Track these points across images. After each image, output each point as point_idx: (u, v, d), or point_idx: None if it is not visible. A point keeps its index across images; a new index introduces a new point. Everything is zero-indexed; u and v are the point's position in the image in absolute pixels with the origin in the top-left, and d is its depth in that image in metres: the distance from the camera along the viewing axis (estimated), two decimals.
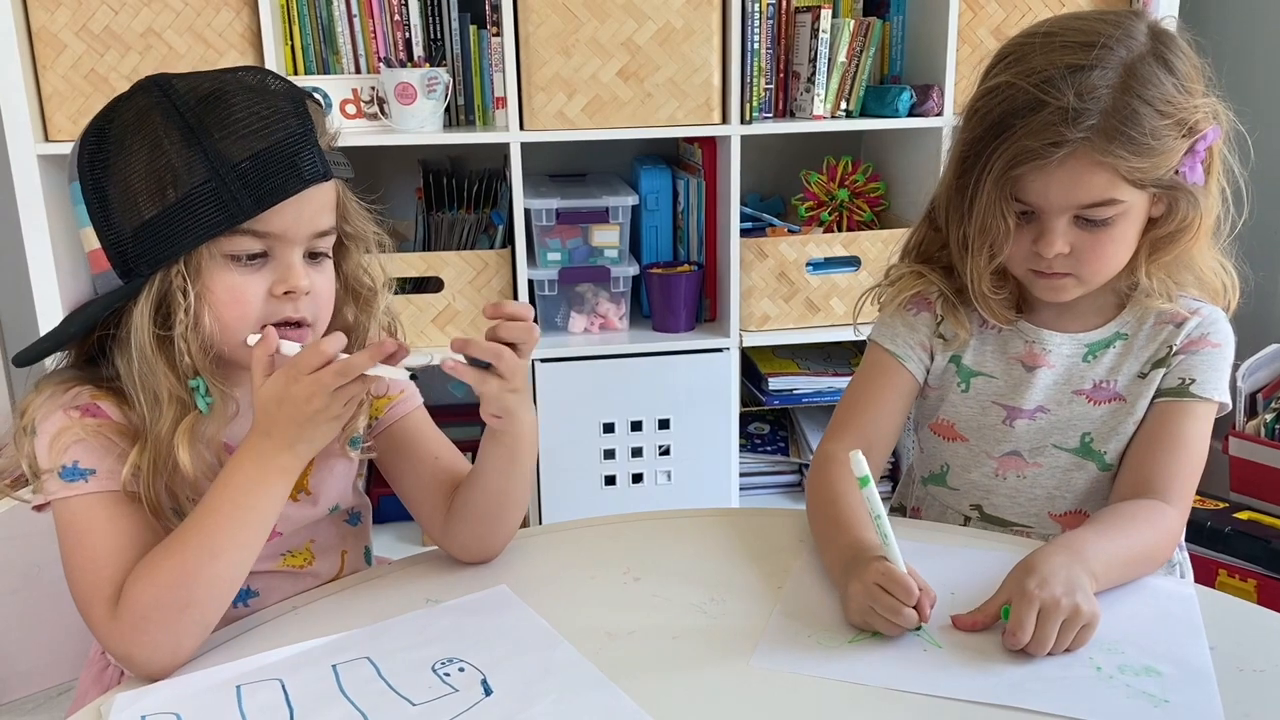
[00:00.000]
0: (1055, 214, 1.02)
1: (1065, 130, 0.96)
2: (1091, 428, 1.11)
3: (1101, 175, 0.98)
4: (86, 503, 0.88)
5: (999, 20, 2.05)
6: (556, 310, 2.08)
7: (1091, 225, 1.02)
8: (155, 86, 0.89)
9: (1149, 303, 1.10)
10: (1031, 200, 1.02)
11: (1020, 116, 0.99)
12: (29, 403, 0.93)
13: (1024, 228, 1.04)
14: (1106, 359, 1.11)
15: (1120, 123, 0.97)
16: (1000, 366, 1.14)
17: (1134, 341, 1.11)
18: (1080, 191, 1.00)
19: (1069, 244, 1.02)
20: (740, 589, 0.98)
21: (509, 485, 1.00)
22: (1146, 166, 0.99)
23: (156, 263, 0.88)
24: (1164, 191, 1.02)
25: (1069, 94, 0.96)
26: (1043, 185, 1.00)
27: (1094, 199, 1.00)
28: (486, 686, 0.83)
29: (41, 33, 1.82)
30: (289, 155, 0.88)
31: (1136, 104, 0.97)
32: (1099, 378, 1.11)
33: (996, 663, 0.85)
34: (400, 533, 1.95)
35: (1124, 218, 1.02)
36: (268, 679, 0.85)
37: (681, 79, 1.95)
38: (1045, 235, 1.02)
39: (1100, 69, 0.97)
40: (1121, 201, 1.00)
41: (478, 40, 2.02)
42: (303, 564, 1.04)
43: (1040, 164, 0.98)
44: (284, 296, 0.91)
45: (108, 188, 0.88)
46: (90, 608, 0.87)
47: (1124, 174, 0.98)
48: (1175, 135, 0.99)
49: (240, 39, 1.87)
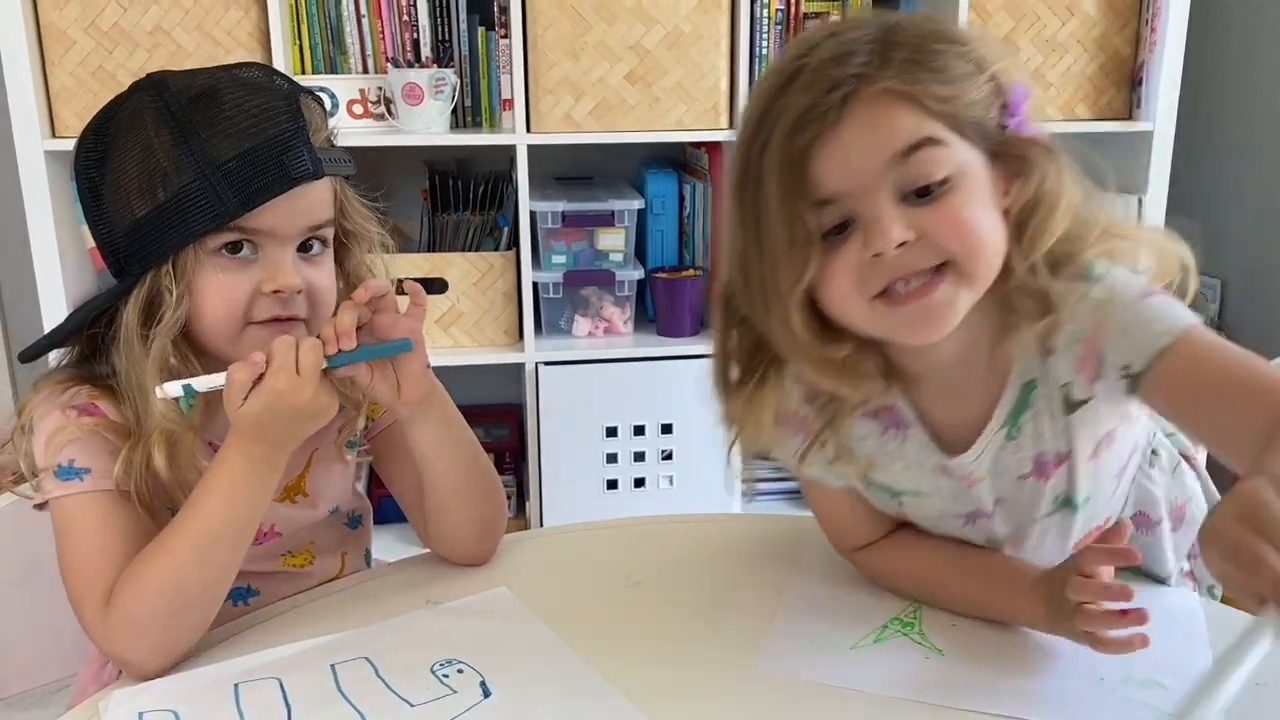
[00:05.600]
0: (869, 190, 0.76)
1: (835, 71, 0.76)
2: (1060, 490, 0.90)
3: (902, 109, 0.76)
4: (81, 501, 0.88)
5: (1008, 28, 2.05)
6: (561, 313, 2.08)
7: (927, 198, 0.77)
8: (151, 86, 0.89)
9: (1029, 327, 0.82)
10: (832, 182, 0.76)
11: (782, 94, 0.77)
12: (28, 401, 0.93)
13: (845, 244, 0.78)
14: (1034, 422, 0.86)
15: (893, 50, 0.77)
16: (922, 480, 0.91)
17: (1049, 381, 0.85)
18: (884, 136, 0.76)
19: (909, 227, 0.76)
20: (742, 594, 0.97)
21: (459, 464, 0.98)
22: (951, 97, 0.77)
23: (147, 262, 0.88)
24: (1001, 156, 0.80)
25: (828, 48, 0.77)
26: (838, 153, 0.76)
27: (906, 140, 0.76)
28: (485, 689, 0.82)
29: (50, 29, 1.82)
30: (277, 154, 0.87)
31: (907, 36, 0.78)
32: (1034, 452, 0.88)
33: (998, 671, 0.85)
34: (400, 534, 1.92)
35: (963, 179, 0.77)
36: (266, 678, 0.84)
37: (689, 83, 1.95)
38: (870, 228, 0.76)
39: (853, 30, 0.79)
40: (943, 143, 0.77)
41: (486, 42, 2.02)
42: (303, 564, 1.04)
43: (823, 127, 0.75)
44: (273, 295, 0.90)
45: (102, 187, 0.89)
46: (83, 607, 0.87)
47: (930, 107, 0.76)
48: (967, 67, 0.79)
49: (248, 37, 1.88)
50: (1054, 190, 0.80)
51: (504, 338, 2.04)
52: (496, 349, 2.04)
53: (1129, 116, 2.15)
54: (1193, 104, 2.14)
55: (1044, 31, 2.07)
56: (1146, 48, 2.10)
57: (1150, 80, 2.09)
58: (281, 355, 0.85)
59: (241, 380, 0.85)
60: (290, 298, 0.91)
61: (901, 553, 0.95)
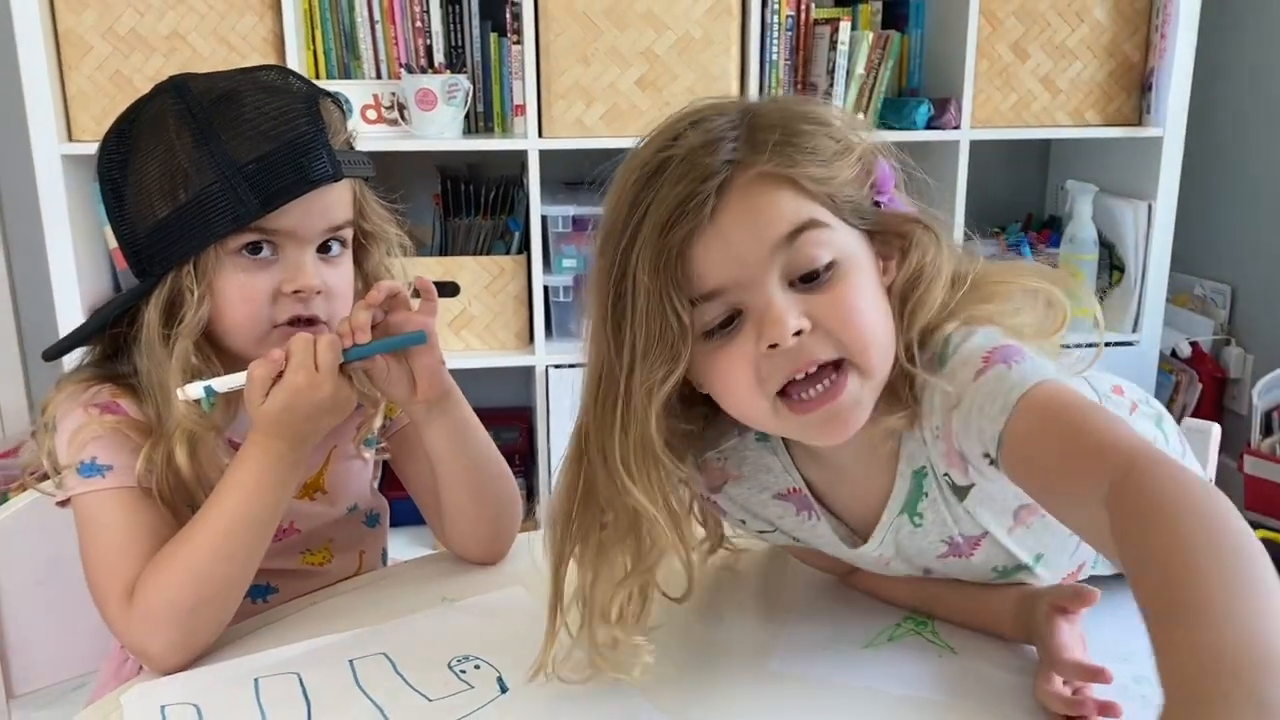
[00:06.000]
0: (761, 280, 0.72)
1: (706, 159, 0.72)
2: (997, 562, 0.86)
3: (781, 192, 0.73)
4: (103, 498, 0.89)
5: (1018, 35, 2.05)
6: (571, 317, 2.08)
7: (814, 283, 0.73)
8: (173, 88, 0.91)
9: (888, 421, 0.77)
10: (714, 275, 0.71)
11: (649, 187, 0.73)
12: (51, 400, 0.94)
13: (736, 339, 0.73)
14: (931, 511, 0.82)
15: (763, 131, 0.74)
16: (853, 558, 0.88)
17: (937, 467, 0.80)
18: (766, 222, 0.72)
19: (803, 315, 0.72)
20: (757, 593, 0.98)
21: (474, 465, 0.99)
22: (824, 175, 0.74)
23: (169, 263, 0.89)
24: (879, 235, 0.78)
25: (695, 136, 0.73)
26: (718, 244, 0.71)
27: (790, 224, 0.72)
28: (503, 684, 0.83)
29: (68, 34, 1.84)
30: (296, 156, 0.88)
31: (772, 119, 0.75)
32: (942, 536, 0.84)
33: (1011, 669, 0.85)
34: (415, 536, 1.95)
35: (849, 263, 0.74)
36: (285, 672, 0.85)
37: (700, 89, 1.96)
38: (765, 313, 0.71)
39: (720, 117, 0.75)
40: (825, 225, 0.73)
41: (498, 48, 2.04)
42: (321, 562, 1.05)
43: (700, 218, 0.71)
44: (293, 295, 0.91)
45: (124, 188, 0.90)
46: (105, 602, 0.88)
47: (806, 187, 0.73)
48: (835, 144, 0.76)
49: (263, 43, 1.89)
50: (934, 264, 0.77)
51: (514, 341, 2.05)
52: (507, 352, 2.05)
53: (1139, 122, 2.15)
54: (1202, 110, 2.14)
55: (1054, 37, 2.08)
56: (1156, 53, 2.10)
57: (1160, 86, 2.10)
58: (300, 352, 0.86)
59: (262, 377, 0.86)
60: (310, 298, 0.92)
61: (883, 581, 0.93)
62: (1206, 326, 2.39)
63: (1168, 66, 2.07)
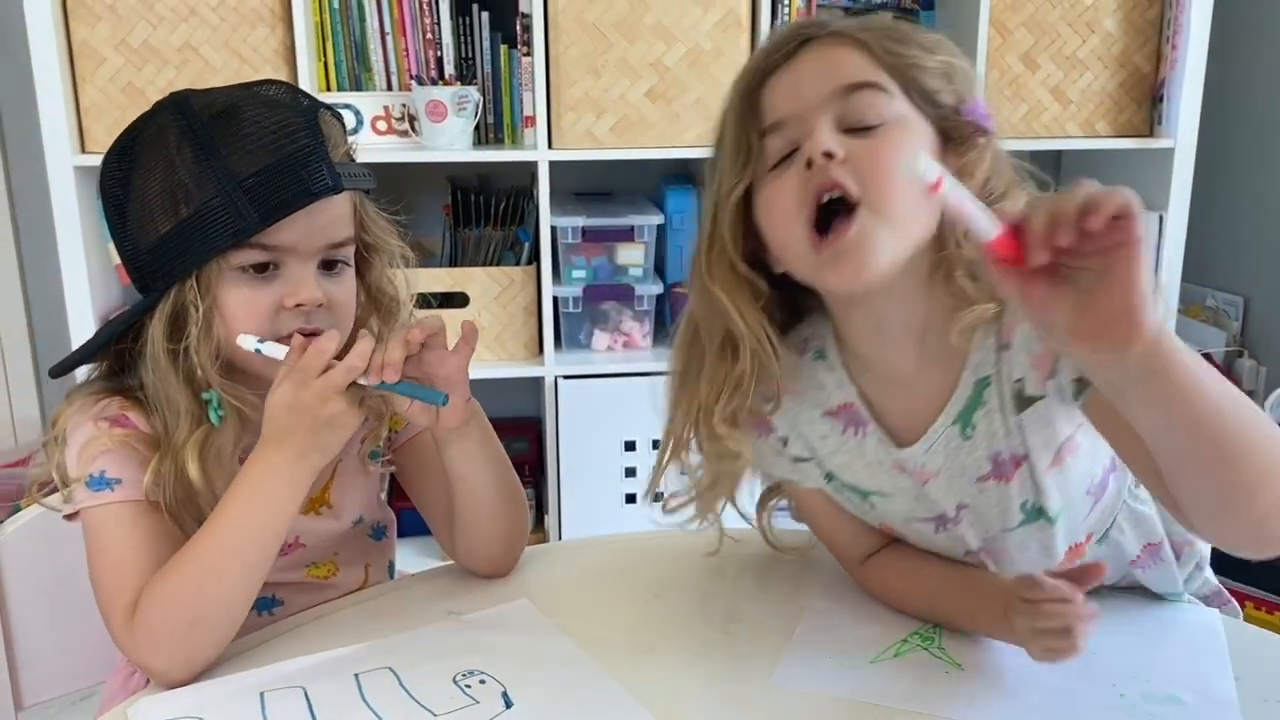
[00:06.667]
0: (815, 115, 0.82)
1: (804, 24, 0.88)
2: (1025, 496, 0.89)
3: (853, 52, 0.83)
4: (112, 512, 0.90)
5: (1028, 46, 2.05)
6: (580, 327, 2.09)
7: (863, 132, 0.81)
8: (174, 105, 0.91)
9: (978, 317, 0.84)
10: (780, 108, 0.83)
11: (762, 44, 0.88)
12: (61, 413, 0.94)
13: (787, 169, 0.82)
14: (987, 422, 0.87)
15: (860, 18, 0.87)
16: (884, 480, 0.93)
17: (1001, 383, 0.86)
18: (830, 72, 0.82)
19: (841, 147, 0.80)
20: (762, 607, 0.98)
21: (492, 482, 0.99)
22: (904, 56, 0.83)
23: (171, 278, 0.89)
24: (949, 129, 0.85)
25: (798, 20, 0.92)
26: (789, 82, 0.84)
27: (851, 79, 0.82)
28: (507, 699, 0.83)
29: (82, 46, 1.85)
30: (296, 169, 0.88)
31: (883, 19, 0.88)
32: (990, 452, 0.88)
33: (1017, 686, 0.85)
34: (421, 547, 1.95)
35: (899, 128, 0.82)
36: (291, 686, 0.85)
37: (709, 100, 1.96)
38: (807, 137, 0.81)
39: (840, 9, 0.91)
40: (885, 90, 0.82)
41: (508, 60, 2.04)
42: (327, 575, 1.05)
43: (779, 60, 0.84)
44: (295, 309, 0.91)
45: (126, 205, 0.91)
46: (111, 616, 0.88)
47: (880, 58, 0.83)
48: (927, 43, 0.86)
49: (274, 54, 1.90)
50: (984, 171, 0.84)
51: (524, 351, 2.06)
52: (516, 363, 2.05)
53: (1150, 133, 2.14)
54: (1213, 120, 2.13)
55: (1064, 48, 2.08)
56: (1167, 64, 2.09)
57: (1171, 97, 2.09)
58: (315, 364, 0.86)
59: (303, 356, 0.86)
60: (312, 311, 0.92)
61: (892, 569, 0.97)
62: (1219, 338, 2.38)
63: (1179, 77, 2.06)
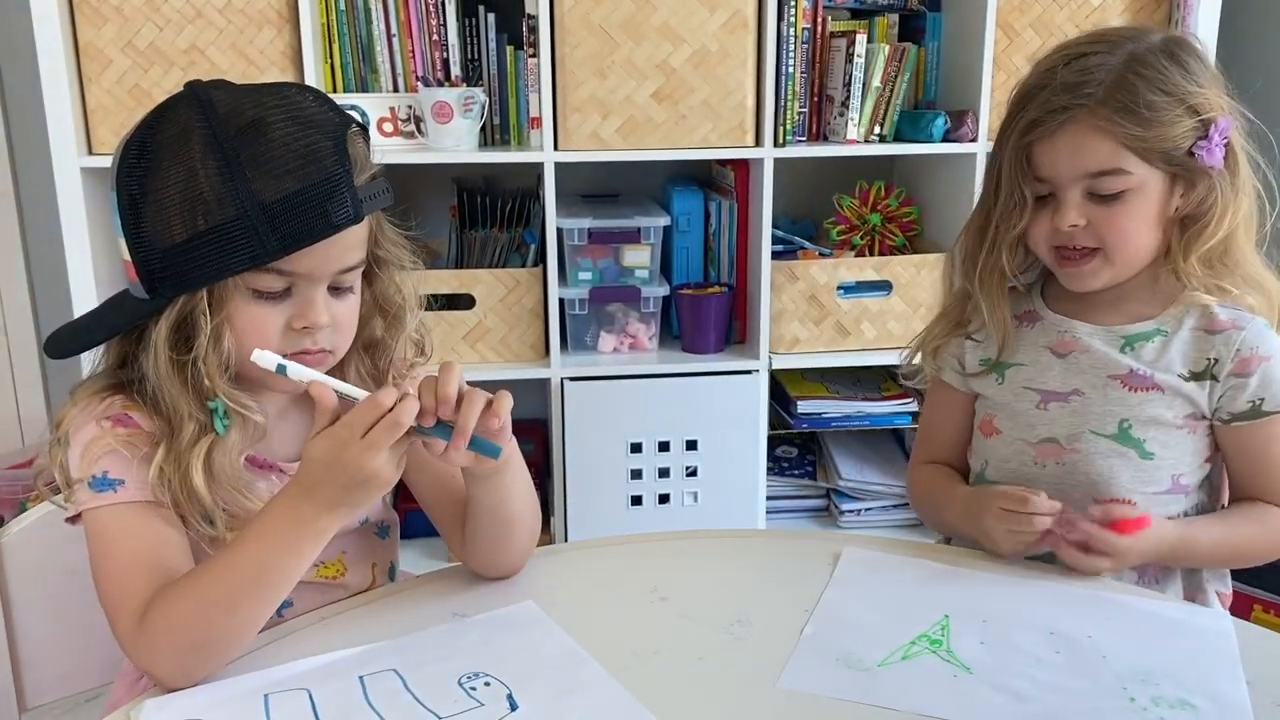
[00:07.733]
0: (1066, 185, 1.07)
1: (1063, 99, 1.05)
2: (1129, 414, 1.11)
3: (1104, 142, 1.05)
4: (115, 513, 0.89)
5: (1034, 47, 2.04)
6: (586, 329, 2.08)
7: (1105, 200, 1.06)
8: (197, 104, 0.88)
9: (1191, 298, 1.10)
10: (1043, 171, 1.09)
11: (1031, 99, 1.09)
12: (65, 413, 0.94)
13: (1043, 208, 1.10)
14: (1145, 352, 1.12)
15: (1117, 93, 1.04)
16: (1031, 355, 1.17)
17: (1173, 341, 1.11)
18: (1084, 158, 1.05)
19: (1084, 217, 1.07)
20: (767, 610, 0.97)
21: (516, 502, 0.99)
22: (1148, 137, 1.04)
23: (181, 288, 0.88)
24: (1181, 173, 1.06)
25: (1068, 73, 1.06)
26: (1050, 153, 1.07)
27: (1099, 166, 1.05)
28: (512, 701, 0.83)
29: (88, 48, 1.85)
30: (321, 199, 0.87)
31: (1134, 80, 1.04)
32: (1135, 366, 1.12)
33: (1026, 690, 0.84)
34: (425, 549, 1.95)
35: (1138, 194, 1.06)
36: (295, 688, 0.85)
37: (716, 101, 1.96)
38: (1060, 208, 1.08)
39: (1103, 55, 1.06)
40: (1129, 173, 1.05)
41: (514, 61, 2.04)
42: (335, 575, 1.05)
43: (1046, 132, 1.06)
44: (302, 330, 0.91)
45: (142, 203, 0.88)
46: (116, 618, 0.88)
47: (1125, 143, 1.04)
48: (1177, 111, 1.04)
49: (281, 56, 1.90)
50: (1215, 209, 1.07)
51: (530, 353, 2.05)
52: (522, 364, 2.05)
53: None
54: None
55: None
56: None
57: None
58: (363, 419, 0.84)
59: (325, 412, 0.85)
60: (318, 332, 0.92)
61: (934, 476, 1.25)
62: None
63: None
